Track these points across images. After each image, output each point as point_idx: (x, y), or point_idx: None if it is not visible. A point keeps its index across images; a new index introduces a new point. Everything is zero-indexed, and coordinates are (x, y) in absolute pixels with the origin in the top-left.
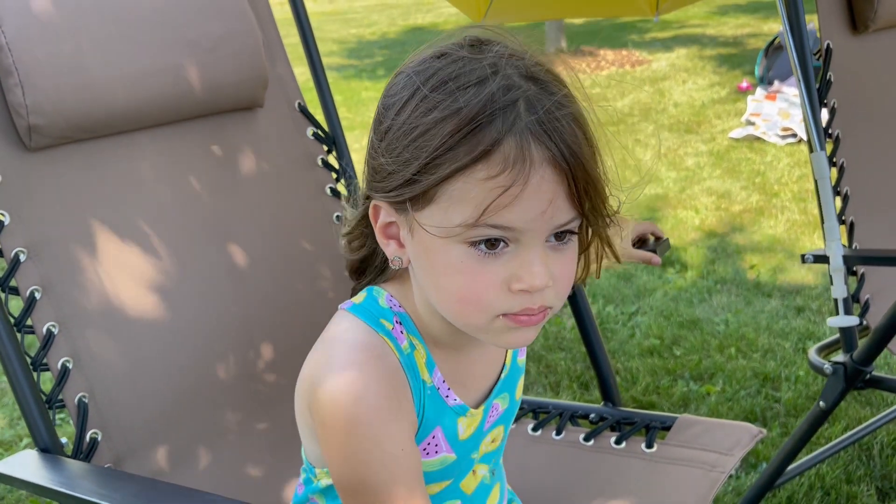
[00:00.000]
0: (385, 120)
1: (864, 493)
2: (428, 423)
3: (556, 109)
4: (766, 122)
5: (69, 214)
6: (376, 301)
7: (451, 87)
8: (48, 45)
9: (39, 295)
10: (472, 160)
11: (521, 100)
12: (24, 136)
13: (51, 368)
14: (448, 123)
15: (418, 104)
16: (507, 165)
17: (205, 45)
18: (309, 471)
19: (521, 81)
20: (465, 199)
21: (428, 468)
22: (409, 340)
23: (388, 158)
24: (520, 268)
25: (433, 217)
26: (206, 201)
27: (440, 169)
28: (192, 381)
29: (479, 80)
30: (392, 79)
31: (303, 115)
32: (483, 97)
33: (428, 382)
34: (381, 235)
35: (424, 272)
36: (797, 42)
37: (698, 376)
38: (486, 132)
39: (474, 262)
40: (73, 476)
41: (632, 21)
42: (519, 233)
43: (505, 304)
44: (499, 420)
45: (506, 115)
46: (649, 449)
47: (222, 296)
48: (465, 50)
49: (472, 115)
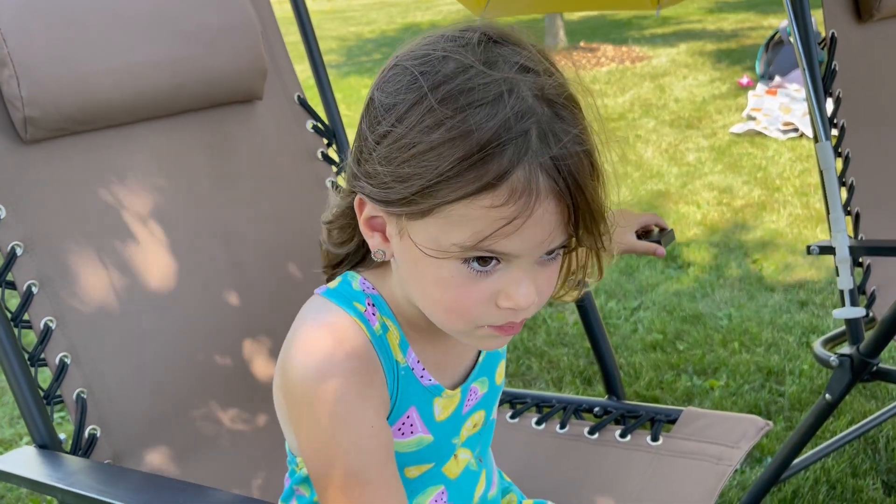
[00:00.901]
0: (383, 122)
1: (869, 486)
2: (402, 403)
3: (567, 139)
4: (767, 117)
5: (66, 208)
6: (350, 284)
7: (462, 102)
8: (44, 37)
9: (36, 289)
10: (477, 189)
11: (533, 128)
12: (20, 129)
13: (49, 364)
14: (456, 147)
15: (423, 115)
16: (512, 196)
17: (203, 36)
18: (292, 462)
19: (535, 104)
20: (465, 221)
21: (404, 449)
22: (382, 322)
23: (385, 168)
24: (509, 286)
25: (427, 230)
26: (205, 194)
27: (441, 193)
28: (192, 376)
29: (493, 100)
30: (390, 69)
31: (302, 108)
32: (495, 123)
33: (401, 363)
34: (366, 227)
35: (411, 277)
36: (801, 31)
37: (702, 371)
38: (495, 162)
39: (464, 279)
40: (72, 472)
41: (631, 17)
42: (514, 256)
43: (490, 318)
44: (478, 404)
45: (517, 146)
46: (655, 442)
47: (221, 289)
48: (478, 53)
49: (483, 142)
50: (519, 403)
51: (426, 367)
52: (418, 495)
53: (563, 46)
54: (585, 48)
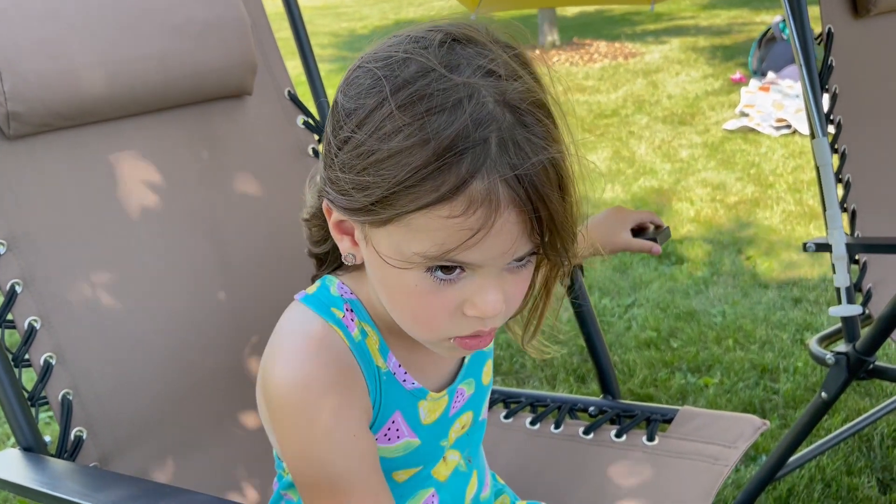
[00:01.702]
0: (345, 127)
1: (864, 484)
2: (386, 409)
3: (529, 147)
4: (760, 114)
5: (50, 205)
6: (328, 290)
7: (420, 109)
8: (28, 30)
9: (20, 289)
10: (435, 199)
11: (492, 136)
12: (3, 124)
13: (33, 364)
14: (413, 156)
15: (382, 121)
16: (471, 207)
17: (191, 30)
18: (279, 466)
19: (496, 110)
20: (425, 231)
21: (392, 454)
22: (361, 327)
23: (346, 175)
24: (474, 294)
25: (389, 238)
26: (193, 191)
27: (400, 202)
28: (180, 377)
29: (452, 106)
30: (354, 70)
31: (292, 104)
32: (453, 130)
33: (383, 368)
34: (335, 231)
35: (378, 283)
36: (798, 27)
37: (696, 368)
38: (452, 171)
39: (429, 287)
40: (57, 476)
41: (624, 13)
42: (477, 266)
43: (456, 328)
44: (466, 405)
45: (475, 154)
46: (650, 442)
47: (209, 287)
48: (440, 55)
49: (440, 150)
50: (513, 403)
51: (408, 371)
52: (409, 499)
53: (555, 43)
54: (578, 44)
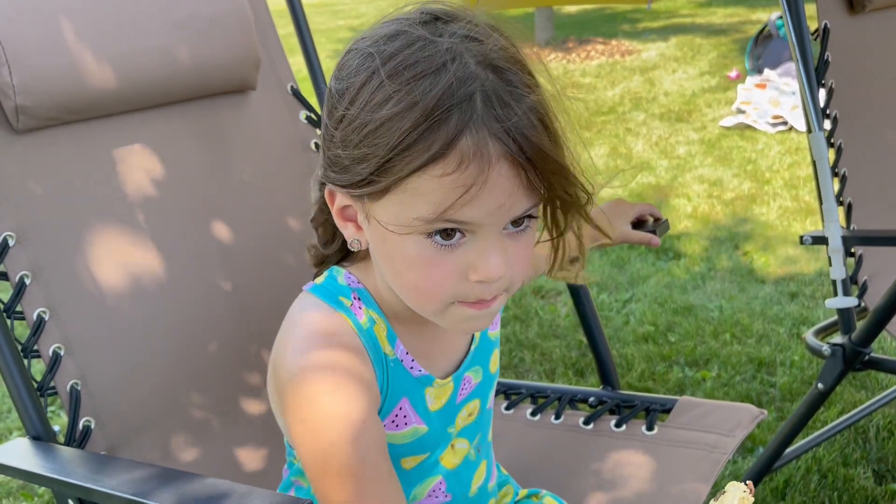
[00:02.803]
0: (339, 107)
1: (860, 475)
2: (393, 395)
3: (514, 101)
4: (757, 111)
5: (58, 198)
6: (335, 280)
7: (406, 76)
8: (35, 25)
9: (29, 280)
10: (428, 159)
11: (477, 92)
12: (12, 118)
13: (42, 355)
14: (403, 119)
15: (373, 93)
16: (463, 163)
17: (194, 25)
18: (290, 454)
19: (478, 70)
20: (422, 194)
21: (399, 440)
22: (369, 315)
23: (343, 151)
24: (477, 258)
25: (389, 208)
26: (198, 184)
27: (396, 168)
28: (186, 367)
29: (436, 70)
30: (344, 56)
31: (295, 98)
32: (438, 90)
33: (390, 355)
34: (339, 218)
35: (381, 258)
36: (795, 22)
37: (693, 362)
38: (441, 129)
39: (431, 254)
40: (66, 462)
41: (621, 11)
42: (476, 225)
43: (460, 293)
44: (473, 393)
45: (462, 111)
46: (650, 431)
47: (214, 279)
48: (423, 28)
49: (427, 110)
50: (514, 394)
51: (415, 358)
52: (416, 486)
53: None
54: (575, 42)
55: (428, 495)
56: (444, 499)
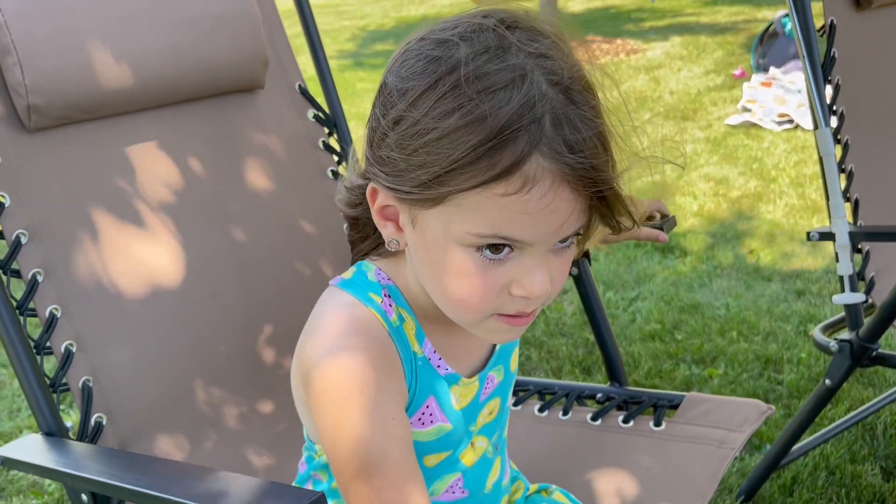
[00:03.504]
0: (397, 106)
1: (868, 472)
2: (421, 393)
3: (582, 125)
4: (763, 109)
5: (70, 196)
6: (365, 275)
7: (476, 88)
8: (47, 24)
9: (41, 278)
10: (491, 178)
11: (546, 115)
12: (24, 117)
13: (54, 352)
14: (471, 134)
15: (438, 101)
16: (527, 185)
17: (203, 24)
18: (310, 448)
19: (548, 90)
20: (478, 209)
21: (425, 438)
22: (398, 313)
23: (398, 154)
24: (522, 275)
25: (440, 218)
26: (207, 183)
27: (456, 180)
28: (196, 364)
29: (505, 85)
30: (402, 53)
31: (303, 97)
32: (509, 109)
33: (418, 353)
34: (379, 217)
35: (423, 266)
36: (801, 18)
37: (700, 360)
38: (509, 149)
39: (478, 267)
40: (80, 457)
41: (626, 10)
42: (528, 244)
43: (501, 306)
44: (495, 392)
45: (531, 132)
46: (657, 427)
47: (224, 278)
48: (492, 38)
49: (497, 128)
50: (521, 391)
51: (442, 357)
52: (435, 482)
53: None
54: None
55: (446, 491)
56: (462, 495)
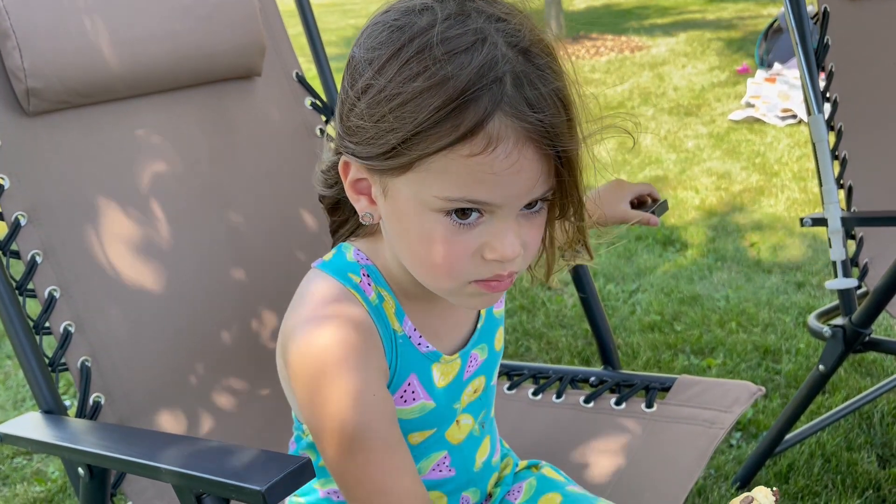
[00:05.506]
0: (364, 75)
1: (864, 459)
2: (402, 371)
3: (542, 85)
4: (766, 104)
5: (69, 179)
6: (344, 256)
7: (438, 52)
8: (46, 9)
9: (40, 259)
10: (456, 138)
11: (507, 75)
12: (23, 100)
13: (53, 332)
14: (434, 96)
15: (402, 66)
16: (491, 145)
17: (201, 12)
18: (298, 428)
19: (508, 52)
20: (445, 172)
21: (408, 416)
22: (377, 292)
23: (367, 122)
24: (493, 238)
25: (409, 185)
26: (205, 169)
27: (423, 143)
28: (193, 346)
29: (467, 48)
30: (369, 27)
31: (300, 85)
32: (470, 70)
33: (399, 331)
34: (352, 191)
35: (396, 235)
36: (794, 5)
37: (699, 350)
38: (471, 109)
39: (448, 232)
40: (78, 432)
41: (631, 7)
42: (496, 206)
43: (476, 272)
44: (479, 370)
45: (492, 92)
46: (649, 409)
47: (221, 262)
48: (452, 5)
49: (460, 89)
50: (516, 375)
51: (423, 335)
52: (422, 460)
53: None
54: (584, 38)
55: (432, 469)
56: (449, 473)
